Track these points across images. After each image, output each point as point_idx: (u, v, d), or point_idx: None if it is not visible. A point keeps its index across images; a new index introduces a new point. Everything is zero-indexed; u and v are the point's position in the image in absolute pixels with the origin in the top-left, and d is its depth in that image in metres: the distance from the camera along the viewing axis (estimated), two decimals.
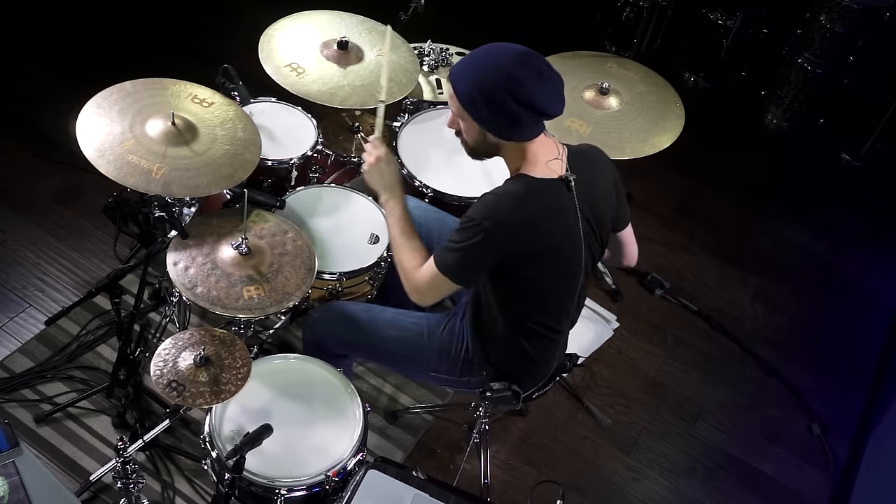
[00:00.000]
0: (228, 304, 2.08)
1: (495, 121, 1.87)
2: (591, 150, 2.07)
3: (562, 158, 1.95)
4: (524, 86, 1.82)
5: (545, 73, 1.86)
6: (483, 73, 1.85)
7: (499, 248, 1.90)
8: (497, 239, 1.89)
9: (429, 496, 1.95)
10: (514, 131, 1.89)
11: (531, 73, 1.83)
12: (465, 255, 1.91)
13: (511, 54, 1.84)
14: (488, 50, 1.89)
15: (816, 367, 3.16)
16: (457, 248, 1.92)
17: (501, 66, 1.83)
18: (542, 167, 1.93)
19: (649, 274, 3.33)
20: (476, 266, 1.96)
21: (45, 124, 3.41)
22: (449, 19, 3.85)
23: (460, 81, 1.89)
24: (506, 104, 1.82)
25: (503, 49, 1.87)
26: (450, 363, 2.21)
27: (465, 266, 1.94)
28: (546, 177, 1.93)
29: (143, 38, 3.96)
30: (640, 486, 2.72)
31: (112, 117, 2.27)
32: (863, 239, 3.75)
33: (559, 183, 1.93)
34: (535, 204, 1.91)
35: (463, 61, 1.91)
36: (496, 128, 1.89)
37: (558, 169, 1.94)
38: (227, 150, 2.31)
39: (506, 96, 1.82)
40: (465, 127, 1.95)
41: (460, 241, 1.91)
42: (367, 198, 2.59)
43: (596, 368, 3.01)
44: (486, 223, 1.87)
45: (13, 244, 3.03)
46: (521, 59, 1.84)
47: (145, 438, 2.27)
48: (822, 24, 3.84)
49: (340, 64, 2.68)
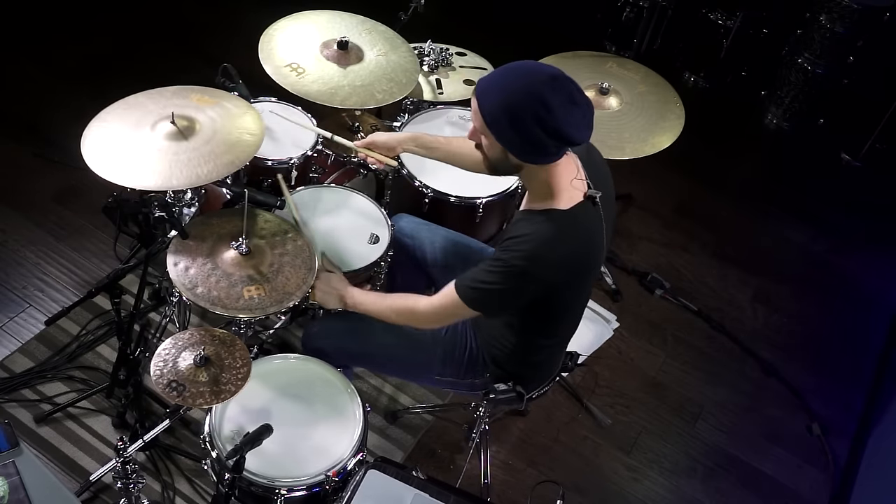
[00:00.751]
0: (229, 305, 2.08)
1: (518, 144, 1.80)
2: (593, 153, 2.04)
3: (581, 175, 1.91)
4: (553, 112, 1.73)
5: (576, 99, 1.77)
6: (512, 94, 1.76)
7: (538, 287, 1.88)
8: (538, 280, 1.86)
9: (429, 496, 1.95)
10: (537, 156, 1.83)
11: (562, 99, 1.74)
12: (502, 296, 1.89)
13: (542, 76, 1.76)
14: (517, 68, 1.81)
15: (816, 367, 3.16)
16: (491, 288, 1.88)
17: (532, 88, 1.74)
18: (568, 191, 1.87)
19: (649, 274, 3.33)
20: (512, 304, 1.95)
21: (45, 124, 3.41)
22: (449, 19, 3.86)
23: (487, 98, 1.80)
24: (532, 130, 1.75)
25: (534, 69, 1.79)
26: (454, 365, 2.21)
27: (502, 304, 1.95)
28: (574, 203, 1.87)
29: (144, 38, 3.96)
30: (640, 486, 2.72)
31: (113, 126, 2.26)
32: (863, 239, 3.75)
33: (586, 202, 1.89)
34: (570, 241, 1.86)
35: (491, 77, 1.82)
36: (519, 151, 1.82)
37: (581, 186, 1.90)
38: (227, 137, 2.27)
39: (533, 122, 1.74)
40: (487, 144, 1.87)
41: (495, 282, 1.87)
42: (367, 198, 2.59)
43: (596, 368, 3.00)
44: (530, 269, 1.83)
45: (13, 244, 3.03)
46: (552, 82, 1.75)
47: (145, 438, 2.27)
48: (822, 24, 3.84)
49: (340, 64, 2.68)
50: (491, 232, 2.77)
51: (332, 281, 2.20)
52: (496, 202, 2.64)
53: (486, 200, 2.62)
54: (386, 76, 2.69)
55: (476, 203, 2.61)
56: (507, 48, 2.78)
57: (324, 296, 2.18)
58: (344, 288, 2.18)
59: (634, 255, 3.45)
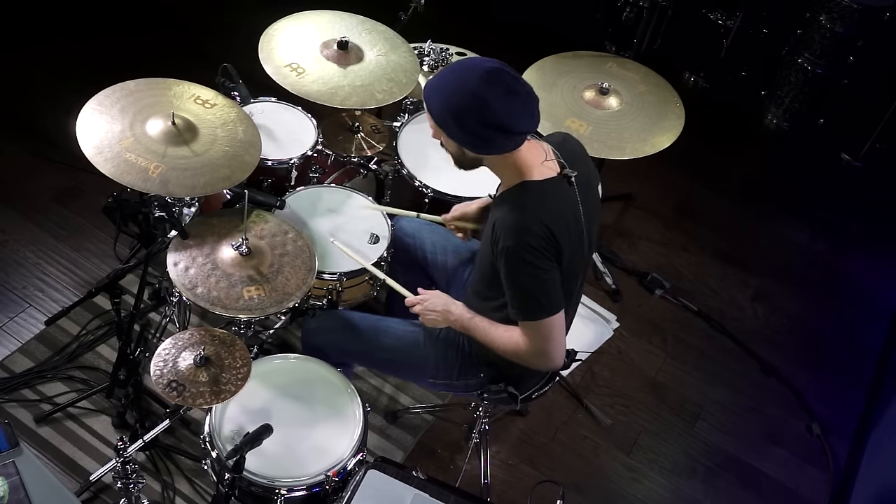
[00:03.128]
0: (228, 305, 2.08)
1: (470, 140, 1.87)
2: (570, 141, 2.06)
3: (552, 157, 1.94)
4: (491, 107, 1.79)
5: (513, 89, 1.82)
6: (452, 95, 1.83)
7: (558, 242, 1.87)
8: (553, 229, 1.85)
9: (429, 496, 1.95)
10: (490, 149, 1.88)
11: (498, 92, 1.80)
12: (552, 274, 1.88)
13: (478, 73, 1.80)
14: (455, 69, 1.87)
15: (816, 367, 3.16)
16: (543, 278, 1.87)
17: (468, 87, 1.80)
18: (539, 168, 1.91)
19: (649, 274, 3.33)
20: (555, 283, 1.91)
21: (45, 124, 3.41)
22: (449, 19, 3.85)
23: (432, 101, 1.88)
24: (475, 127, 1.82)
25: (470, 68, 1.84)
26: (447, 368, 2.22)
27: (552, 294, 1.90)
28: (546, 177, 1.91)
29: (144, 38, 3.96)
30: (640, 486, 2.72)
31: (113, 115, 2.27)
32: (863, 239, 3.75)
33: (561, 179, 1.92)
34: (546, 206, 1.88)
35: (434, 80, 1.89)
36: (472, 146, 1.89)
37: (554, 167, 1.93)
38: (227, 151, 2.30)
39: (474, 119, 1.81)
40: (445, 141, 1.95)
41: (538, 269, 1.86)
42: (367, 198, 2.59)
43: (596, 368, 3.01)
44: (539, 225, 1.84)
45: (13, 244, 3.03)
46: (488, 77, 1.80)
47: (145, 438, 2.27)
48: (822, 24, 3.84)
49: (340, 64, 2.68)
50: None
51: (436, 304, 2.12)
52: None
53: None
54: (386, 76, 2.69)
55: None
56: (507, 48, 2.79)
57: (434, 320, 2.13)
58: (449, 309, 2.10)
59: (634, 255, 3.45)
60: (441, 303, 2.12)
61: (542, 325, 1.91)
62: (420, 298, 2.15)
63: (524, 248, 1.85)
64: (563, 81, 2.87)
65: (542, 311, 1.90)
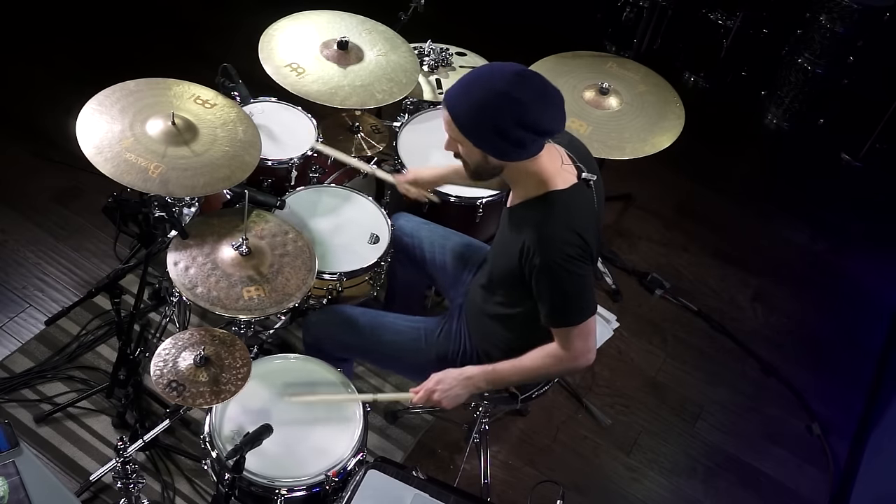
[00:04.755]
0: (228, 305, 2.08)
1: (499, 145, 1.81)
2: (575, 141, 2.06)
3: (568, 161, 1.93)
4: (527, 107, 1.76)
5: (545, 90, 1.80)
6: (482, 98, 1.78)
7: (589, 258, 1.89)
8: (587, 239, 1.87)
9: (429, 496, 1.95)
10: (519, 154, 1.83)
11: (532, 93, 1.77)
12: (584, 290, 1.89)
13: (507, 75, 1.78)
14: (482, 73, 1.83)
15: (816, 367, 3.16)
16: (582, 283, 1.88)
17: (500, 89, 1.76)
18: (561, 175, 1.89)
19: (649, 274, 3.33)
20: (592, 283, 1.93)
21: (45, 124, 3.41)
22: (449, 19, 3.86)
23: (458, 107, 1.81)
24: (511, 129, 1.77)
25: (498, 70, 1.81)
26: (448, 364, 2.21)
27: (590, 295, 1.92)
28: (569, 184, 1.89)
29: (144, 39, 3.97)
30: (640, 486, 2.72)
31: (113, 115, 2.27)
32: (863, 239, 3.75)
33: (581, 184, 1.91)
34: (573, 214, 1.88)
35: (458, 86, 1.84)
36: (500, 152, 1.83)
37: (572, 171, 1.92)
38: (227, 151, 2.30)
39: (511, 121, 1.76)
40: (465, 151, 1.88)
41: (577, 275, 1.86)
42: (367, 198, 2.59)
43: (596, 368, 3.00)
44: (574, 235, 1.84)
45: (13, 244, 3.03)
46: (519, 79, 1.78)
47: (145, 438, 2.27)
48: (822, 24, 3.84)
49: (340, 64, 2.68)
50: (491, 232, 2.76)
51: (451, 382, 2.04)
52: (496, 202, 2.64)
53: (486, 200, 2.62)
54: (386, 76, 2.69)
55: (476, 203, 2.61)
56: (507, 48, 2.78)
57: (454, 399, 2.04)
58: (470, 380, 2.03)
59: (634, 255, 3.45)
60: (453, 375, 2.03)
61: (584, 325, 1.92)
62: (431, 386, 2.04)
63: (564, 260, 1.84)
64: (563, 81, 2.87)
65: (584, 313, 1.91)
